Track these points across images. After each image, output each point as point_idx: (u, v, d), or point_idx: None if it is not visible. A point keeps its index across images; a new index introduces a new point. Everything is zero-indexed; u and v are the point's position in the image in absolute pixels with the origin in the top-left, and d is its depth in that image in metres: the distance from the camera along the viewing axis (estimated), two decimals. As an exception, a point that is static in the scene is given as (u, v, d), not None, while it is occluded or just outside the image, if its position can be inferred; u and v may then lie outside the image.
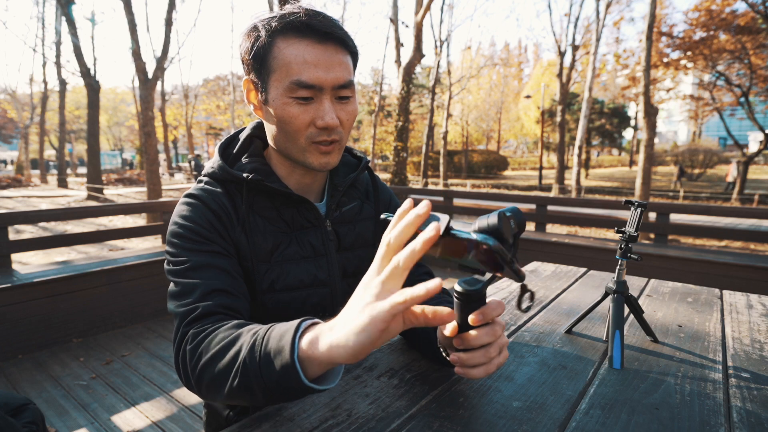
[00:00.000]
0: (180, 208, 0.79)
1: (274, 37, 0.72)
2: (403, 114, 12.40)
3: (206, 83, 34.42)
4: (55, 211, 3.68)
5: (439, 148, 24.22)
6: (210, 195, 0.79)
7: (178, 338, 0.68)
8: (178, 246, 0.76)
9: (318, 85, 0.72)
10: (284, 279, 0.82)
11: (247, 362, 0.56)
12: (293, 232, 0.84)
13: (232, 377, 0.58)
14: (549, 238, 4.38)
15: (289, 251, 0.82)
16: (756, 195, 13.64)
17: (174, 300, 0.72)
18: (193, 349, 0.64)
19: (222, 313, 0.70)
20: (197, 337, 0.65)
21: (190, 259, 0.74)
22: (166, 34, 8.90)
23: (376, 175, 1.00)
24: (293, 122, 0.74)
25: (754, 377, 0.81)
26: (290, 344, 0.52)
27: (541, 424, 0.65)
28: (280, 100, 0.74)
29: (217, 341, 0.62)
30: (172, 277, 0.75)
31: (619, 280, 0.92)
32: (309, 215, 0.84)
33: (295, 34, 0.72)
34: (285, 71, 0.72)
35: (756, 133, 31.60)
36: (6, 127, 37.90)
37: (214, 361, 0.60)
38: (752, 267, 3.38)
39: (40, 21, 18.13)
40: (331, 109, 0.74)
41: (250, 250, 0.79)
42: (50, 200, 13.39)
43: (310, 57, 0.71)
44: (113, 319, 3.26)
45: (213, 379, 0.61)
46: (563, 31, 20.43)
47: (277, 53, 0.72)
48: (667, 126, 56.06)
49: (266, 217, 0.82)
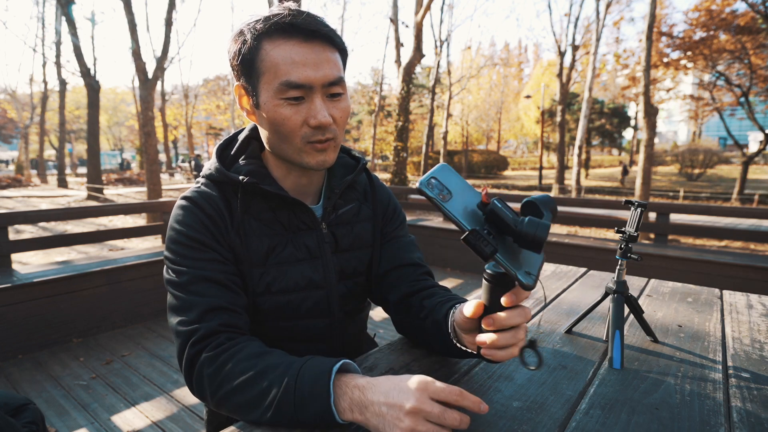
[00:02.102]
0: (177, 212, 0.80)
1: (261, 40, 0.72)
2: (403, 114, 12.40)
3: (206, 83, 34.38)
4: (55, 211, 3.68)
5: (439, 148, 24.23)
6: (205, 198, 0.80)
7: (188, 358, 0.70)
8: (177, 253, 0.76)
9: (308, 84, 0.72)
10: (280, 281, 0.82)
11: (282, 402, 0.61)
12: (289, 234, 0.84)
13: (263, 410, 0.62)
14: (549, 238, 4.38)
15: (285, 253, 0.83)
16: (756, 195, 13.64)
17: (174, 314, 0.74)
18: (213, 375, 0.67)
19: (225, 332, 0.71)
20: (214, 363, 0.68)
21: (188, 271, 0.74)
22: (166, 34, 8.90)
23: (374, 176, 0.99)
24: (286, 124, 0.74)
25: (754, 377, 0.81)
26: (327, 397, 0.60)
27: (541, 424, 0.65)
28: (271, 103, 0.73)
29: (239, 371, 0.65)
30: (171, 288, 0.75)
31: (619, 280, 0.92)
32: (304, 217, 0.84)
33: (280, 35, 0.72)
34: (273, 73, 0.72)
35: (756, 133, 31.63)
36: (6, 127, 37.90)
37: (239, 393, 0.64)
38: (752, 267, 3.37)
39: (40, 21, 18.13)
40: (323, 108, 0.74)
41: (245, 253, 0.79)
42: (50, 200, 13.39)
43: (297, 56, 0.71)
44: (113, 319, 3.26)
45: (238, 407, 0.65)
46: (563, 31, 20.42)
47: (264, 56, 0.72)
48: (667, 126, 56.06)
49: (262, 219, 0.82)
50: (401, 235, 0.97)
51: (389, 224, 0.97)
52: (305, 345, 0.88)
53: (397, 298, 0.89)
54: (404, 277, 0.90)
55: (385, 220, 0.96)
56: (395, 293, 0.89)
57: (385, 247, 0.94)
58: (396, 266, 0.91)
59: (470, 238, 0.50)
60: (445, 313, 0.75)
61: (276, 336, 0.85)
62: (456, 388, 0.58)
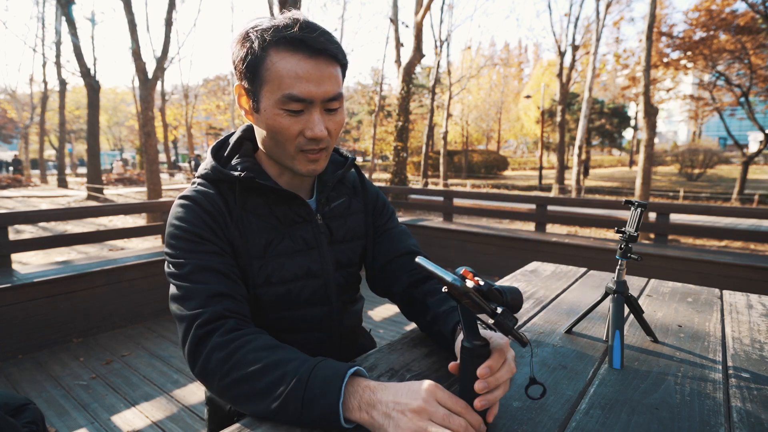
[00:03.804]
0: (175, 210, 0.82)
1: (268, 49, 0.74)
2: (403, 114, 12.41)
3: (206, 83, 34.37)
4: (55, 211, 3.68)
5: (439, 148, 24.21)
6: (203, 196, 0.81)
7: (194, 339, 0.70)
8: (177, 248, 0.78)
9: (309, 98, 0.74)
10: (279, 272, 0.84)
11: (290, 397, 0.62)
12: (285, 228, 0.86)
13: (268, 403, 0.63)
14: (549, 238, 4.38)
15: (282, 246, 0.85)
16: (756, 195, 13.63)
17: (177, 303, 0.74)
18: (223, 361, 0.68)
19: (232, 317, 0.73)
20: (226, 348, 0.68)
21: (189, 262, 0.76)
22: (166, 34, 8.91)
23: (362, 173, 1.04)
24: (283, 132, 0.77)
25: (754, 377, 0.81)
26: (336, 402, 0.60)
27: (541, 424, 0.65)
28: (272, 111, 0.76)
29: (251, 360, 0.66)
30: (173, 279, 0.77)
31: (619, 280, 0.92)
32: (300, 211, 0.87)
33: (288, 48, 0.73)
34: (277, 84, 0.74)
35: (756, 133, 31.60)
36: (6, 127, 37.88)
37: (248, 381, 0.65)
38: (752, 267, 3.37)
39: (40, 21, 18.12)
40: (320, 121, 0.76)
41: (244, 247, 0.82)
42: (50, 200, 13.39)
43: (302, 72, 0.73)
44: (113, 319, 3.26)
45: (243, 396, 0.66)
46: (563, 31, 20.42)
47: (270, 65, 0.74)
48: (667, 126, 56.04)
49: (259, 214, 0.84)
50: (392, 226, 1.02)
51: (380, 217, 1.01)
52: (304, 335, 0.91)
53: (400, 290, 0.94)
54: (403, 267, 0.95)
55: (376, 214, 1.01)
56: (398, 285, 0.94)
57: (380, 240, 0.99)
58: (393, 257, 0.96)
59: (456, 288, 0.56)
60: (452, 329, 0.78)
61: (276, 327, 0.86)
62: (463, 402, 0.59)
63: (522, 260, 1.91)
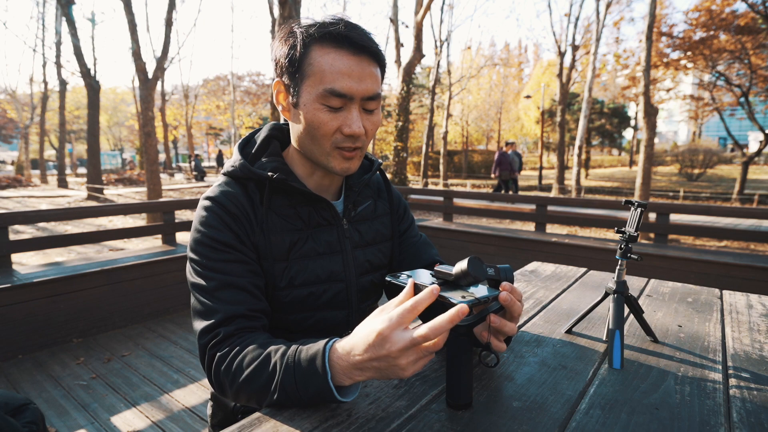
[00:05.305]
0: (200, 213, 0.82)
1: (312, 45, 0.75)
2: (403, 114, 12.41)
3: (206, 83, 34.32)
4: (55, 212, 3.68)
5: (439, 148, 24.22)
6: (228, 197, 0.81)
7: (208, 360, 0.74)
8: (202, 255, 0.78)
9: (349, 94, 0.75)
10: (302, 274, 0.85)
11: (285, 383, 0.64)
12: (309, 229, 0.86)
13: (271, 394, 0.66)
14: (549, 238, 4.38)
15: (306, 248, 0.86)
16: (756, 195, 13.63)
17: (198, 319, 0.77)
18: (226, 372, 0.71)
19: (240, 335, 0.75)
20: (225, 360, 0.71)
21: (213, 276, 0.77)
22: (166, 34, 8.91)
23: (386, 175, 1.05)
24: (322, 128, 0.77)
25: (754, 377, 0.81)
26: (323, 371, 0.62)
27: (541, 424, 0.65)
28: (312, 106, 0.76)
29: (246, 363, 0.69)
30: (195, 292, 0.78)
31: (619, 280, 0.92)
32: (326, 214, 0.88)
33: (332, 43, 0.75)
34: (319, 78, 0.75)
35: (756, 133, 31.61)
36: (6, 127, 37.86)
37: (250, 383, 0.68)
38: (752, 267, 3.37)
39: (40, 21, 18.09)
40: (359, 119, 0.77)
41: (268, 250, 0.82)
42: (50, 200, 13.38)
43: (344, 67, 0.74)
44: (113, 319, 3.26)
45: (252, 395, 0.69)
46: (563, 31, 20.44)
47: (312, 60, 0.75)
48: (667, 126, 56.04)
49: (283, 215, 0.85)
50: (414, 235, 1.04)
51: (402, 223, 1.03)
52: (324, 337, 0.90)
53: None
54: None
55: (399, 218, 1.03)
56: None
57: (404, 248, 1.00)
58: (420, 267, 0.96)
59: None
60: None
61: (296, 329, 0.87)
62: (407, 304, 0.59)
63: (522, 260, 1.91)
